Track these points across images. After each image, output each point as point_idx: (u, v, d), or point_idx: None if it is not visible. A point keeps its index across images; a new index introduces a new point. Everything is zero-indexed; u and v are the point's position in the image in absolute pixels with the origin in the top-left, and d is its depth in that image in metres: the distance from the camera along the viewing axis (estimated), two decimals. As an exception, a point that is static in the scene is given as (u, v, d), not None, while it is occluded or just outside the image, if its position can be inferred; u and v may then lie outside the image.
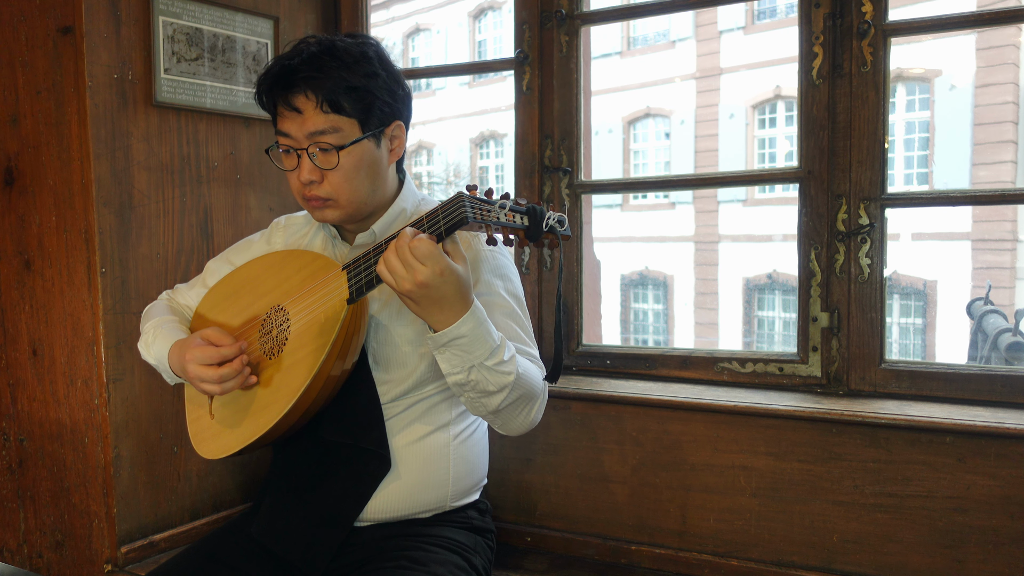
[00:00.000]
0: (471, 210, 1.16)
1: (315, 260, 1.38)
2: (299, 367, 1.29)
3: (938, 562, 1.53)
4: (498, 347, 1.24)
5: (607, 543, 1.80)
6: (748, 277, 12.82)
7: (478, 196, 1.19)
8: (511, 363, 1.26)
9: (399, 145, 1.42)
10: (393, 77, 1.38)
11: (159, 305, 1.59)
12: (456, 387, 1.27)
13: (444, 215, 1.19)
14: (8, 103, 1.83)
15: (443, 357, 1.24)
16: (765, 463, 1.66)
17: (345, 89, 1.31)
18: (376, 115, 1.35)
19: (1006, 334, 5.05)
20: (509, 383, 1.26)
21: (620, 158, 14.26)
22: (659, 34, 13.87)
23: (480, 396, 1.27)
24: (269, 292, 1.41)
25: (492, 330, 1.25)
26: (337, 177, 1.34)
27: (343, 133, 1.32)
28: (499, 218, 1.18)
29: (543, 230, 1.19)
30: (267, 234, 1.61)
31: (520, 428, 1.36)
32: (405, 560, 1.32)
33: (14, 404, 1.93)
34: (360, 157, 1.34)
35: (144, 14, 1.79)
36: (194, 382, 1.33)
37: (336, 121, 1.31)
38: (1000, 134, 10.65)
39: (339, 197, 1.35)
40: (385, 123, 1.37)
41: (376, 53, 1.37)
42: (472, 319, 1.21)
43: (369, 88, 1.33)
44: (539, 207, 1.20)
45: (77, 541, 1.85)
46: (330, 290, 1.31)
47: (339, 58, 1.32)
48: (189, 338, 1.38)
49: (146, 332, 1.51)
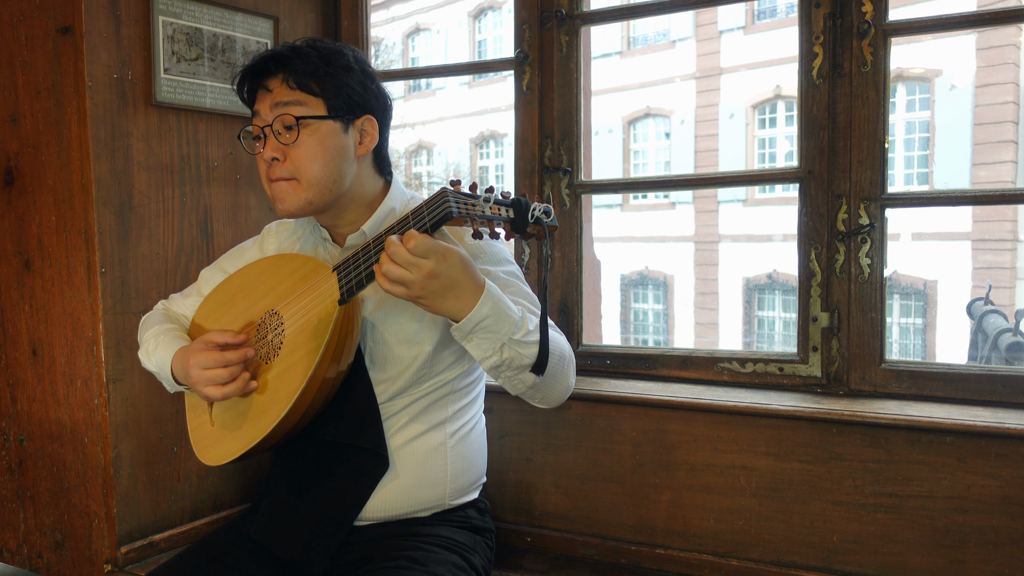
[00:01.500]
0: (455, 204, 1.16)
1: (307, 263, 1.39)
2: (294, 370, 1.30)
3: (938, 562, 1.53)
4: (521, 319, 1.25)
5: (607, 543, 1.80)
6: (748, 277, 12.82)
7: (462, 191, 1.19)
8: (536, 332, 1.26)
9: (370, 140, 1.42)
10: (367, 74, 1.41)
11: (156, 315, 1.60)
12: (492, 371, 1.27)
13: (429, 211, 1.18)
14: (8, 103, 1.83)
15: (472, 344, 1.24)
16: (765, 463, 1.66)
17: (315, 72, 1.35)
18: (344, 101, 1.37)
19: (1006, 334, 5.05)
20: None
21: (620, 158, 14.27)
22: (659, 34, 13.87)
23: (517, 372, 1.27)
24: (263, 297, 1.42)
25: (510, 304, 1.25)
26: (298, 153, 1.35)
27: (306, 107, 1.35)
28: (484, 211, 1.17)
29: (529, 221, 1.19)
30: (259, 240, 1.62)
31: (560, 396, 1.37)
32: (404, 560, 1.32)
33: (14, 404, 1.93)
34: (323, 137, 1.35)
35: (144, 14, 1.79)
36: (196, 387, 1.34)
37: (301, 96, 1.35)
38: (1000, 134, 10.65)
39: (300, 176, 1.36)
40: (354, 113, 1.39)
41: (353, 53, 1.41)
42: (490, 298, 1.21)
43: (339, 75, 1.37)
44: (524, 199, 1.20)
45: (77, 541, 1.84)
46: (321, 292, 1.31)
47: (316, 48, 1.37)
48: (193, 343, 1.39)
49: (146, 341, 1.52)
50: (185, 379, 1.38)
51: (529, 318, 1.27)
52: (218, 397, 1.32)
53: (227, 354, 1.32)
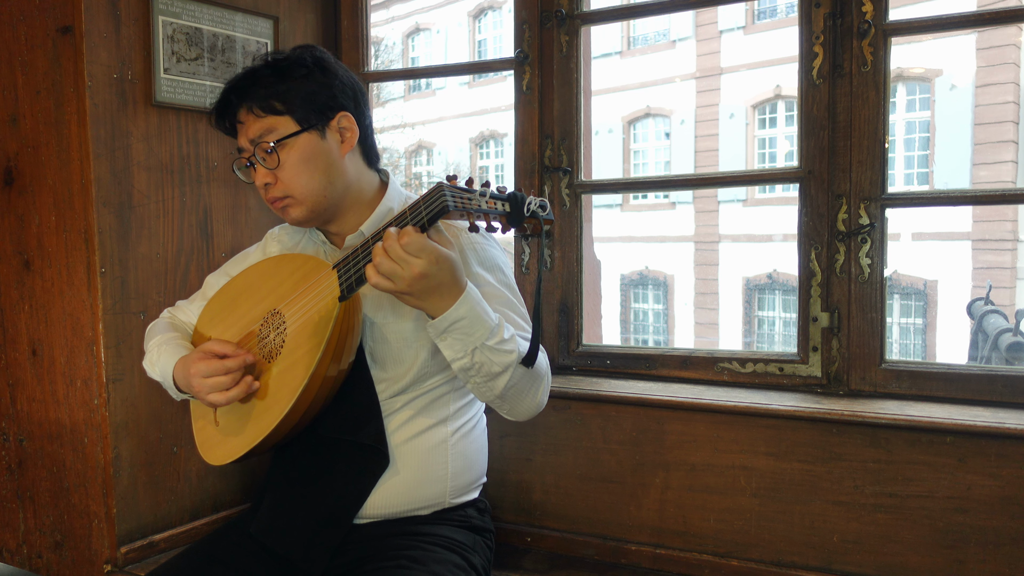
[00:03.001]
0: (452, 199, 1.17)
1: (307, 261, 1.40)
2: (296, 368, 1.30)
3: (938, 562, 1.53)
4: (497, 326, 1.26)
5: (607, 543, 1.80)
6: (748, 277, 12.83)
7: (458, 185, 1.20)
8: (512, 342, 1.28)
9: (351, 136, 1.42)
10: (327, 72, 1.41)
11: (161, 324, 1.60)
12: (462, 373, 1.28)
13: (426, 205, 1.19)
14: (8, 103, 1.83)
15: (445, 343, 1.25)
16: (765, 463, 1.66)
17: (276, 92, 1.37)
18: (312, 109, 1.38)
19: (1006, 334, 5.05)
20: (512, 361, 1.28)
21: (620, 158, 14.27)
22: (659, 34, 13.87)
23: (486, 380, 1.28)
24: (265, 298, 1.42)
25: (489, 310, 1.27)
26: (285, 174, 1.38)
27: (278, 130, 1.37)
28: (480, 205, 1.18)
29: (525, 215, 1.20)
30: (262, 245, 1.64)
31: (528, 411, 1.37)
32: (404, 559, 1.32)
33: (14, 404, 1.93)
34: (303, 151, 1.38)
35: (144, 14, 1.79)
36: (200, 395, 1.34)
37: (270, 122, 1.37)
38: (1000, 134, 10.65)
39: (293, 192, 1.39)
40: (326, 115, 1.39)
41: (312, 56, 1.41)
42: (468, 300, 1.23)
43: (300, 86, 1.38)
44: (520, 193, 1.21)
45: (77, 541, 1.84)
46: (322, 289, 1.32)
47: (272, 66, 1.39)
48: (192, 353, 1.40)
49: (150, 350, 1.52)
50: (188, 388, 1.39)
51: (506, 327, 1.29)
52: (222, 402, 1.32)
53: (227, 361, 1.33)
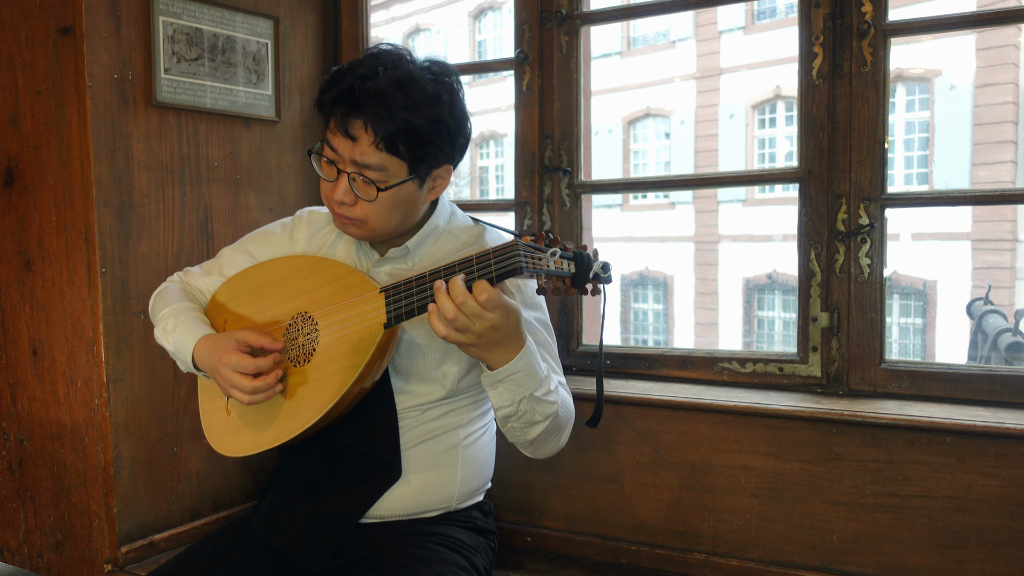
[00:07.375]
0: (525, 260, 1.15)
1: (350, 274, 1.35)
2: (329, 381, 1.29)
3: (938, 562, 1.53)
4: (546, 378, 1.29)
5: (607, 543, 1.80)
6: (748, 277, 12.82)
7: (531, 244, 1.17)
8: (556, 392, 1.31)
9: (442, 185, 1.38)
10: (458, 124, 1.33)
11: (173, 289, 1.53)
12: (502, 419, 1.31)
13: (497, 261, 1.17)
14: (8, 103, 1.83)
15: (496, 392, 1.28)
16: (765, 463, 1.66)
17: (406, 133, 1.26)
18: (428, 163, 1.32)
19: (1006, 334, 5.05)
20: (553, 412, 1.31)
21: (620, 158, 14.26)
22: (659, 34, 13.86)
23: (525, 426, 1.32)
24: (296, 296, 1.39)
25: (540, 362, 1.28)
26: (372, 208, 1.31)
27: (389, 173, 1.29)
28: (549, 266, 1.17)
29: (588, 278, 1.20)
30: (289, 227, 1.56)
31: (550, 452, 1.42)
32: (408, 558, 1.33)
33: (14, 404, 1.93)
34: (398, 194, 1.31)
35: (144, 14, 1.79)
36: (224, 386, 1.32)
37: (386, 160, 1.28)
38: (1000, 134, 10.64)
39: (368, 222, 1.33)
40: (435, 168, 1.34)
41: (450, 95, 1.31)
42: (527, 354, 1.25)
43: (431, 136, 1.28)
44: (585, 254, 1.19)
45: (77, 541, 1.85)
46: (367, 311, 1.29)
47: (409, 95, 1.26)
48: (224, 338, 1.34)
49: (164, 318, 1.46)
50: (211, 372, 1.35)
51: (552, 377, 1.31)
52: (245, 402, 1.30)
53: (260, 361, 1.30)
